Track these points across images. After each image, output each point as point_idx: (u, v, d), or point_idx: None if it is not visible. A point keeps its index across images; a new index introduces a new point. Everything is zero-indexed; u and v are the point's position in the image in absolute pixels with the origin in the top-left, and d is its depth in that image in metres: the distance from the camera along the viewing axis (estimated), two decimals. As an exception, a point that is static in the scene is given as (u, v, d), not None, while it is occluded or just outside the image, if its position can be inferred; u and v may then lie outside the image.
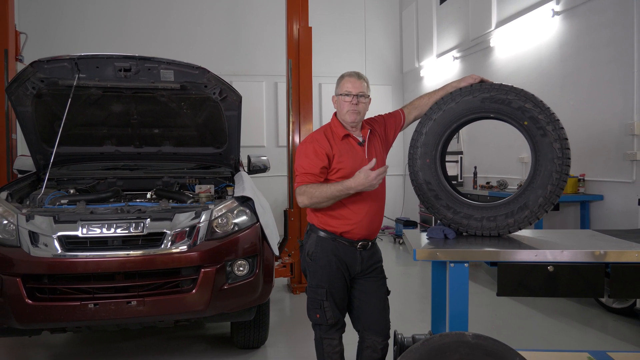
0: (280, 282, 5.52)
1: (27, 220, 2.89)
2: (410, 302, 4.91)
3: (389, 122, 2.62)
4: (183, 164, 4.23)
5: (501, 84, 2.40)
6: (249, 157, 4.69)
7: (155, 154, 4.18)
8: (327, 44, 8.45)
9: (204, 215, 3.05)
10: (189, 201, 3.40)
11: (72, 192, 3.64)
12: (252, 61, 8.70)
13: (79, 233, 2.87)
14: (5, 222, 2.91)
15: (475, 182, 6.49)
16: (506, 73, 6.26)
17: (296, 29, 5.37)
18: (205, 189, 3.76)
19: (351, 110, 2.39)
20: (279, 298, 5.06)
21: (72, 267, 2.84)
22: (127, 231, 2.91)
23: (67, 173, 3.95)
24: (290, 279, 5.40)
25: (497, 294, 2.16)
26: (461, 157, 7.13)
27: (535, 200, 2.30)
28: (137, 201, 3.49)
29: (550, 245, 2.22)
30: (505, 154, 6.31)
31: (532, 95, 2.33)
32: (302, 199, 2.31)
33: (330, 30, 8.76)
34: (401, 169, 8.83)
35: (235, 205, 3.22)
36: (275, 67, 8.14)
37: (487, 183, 6.27)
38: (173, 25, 8.51)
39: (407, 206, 9.12)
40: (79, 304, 2.81)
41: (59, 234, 2.85)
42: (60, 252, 2.82)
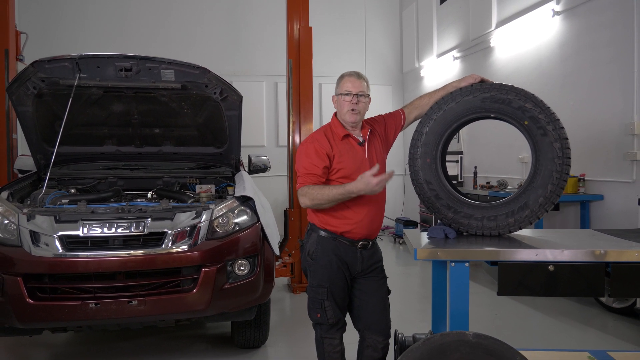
0: (281, 281, 5.52)
1: (28, 220, 2.89)
2: (410, 301, 4.91)
3: (389, 122, 2.62)
4: (184, 163, 4.23)
5: (501, 83, 2.41)
6: (249, 157, 4.70)
7: (156, 154, 4.18)
8: (327, 44, 8.44)
9: (204, 215, 3.06)
10: (190, 201, 3.40)
11: (72, 191, 3.65)
12: (252, 61, 8.70)
13: (79, 233, 2.87)
14: (6, 221, 2.92)
15: (475, 182, 6.49)
16: (506, 73, 6.26)
17: (296, 29, 5.37)
18: (205, 189, 3.76)
19: (351, 110, 2.39)
20: (280, 298, 5.06)
21: (73, 267, 2.84)
22: (128, 231, 2.92)
23: (68, 173, 3.96)
24: (290, 279, 5.40)
25: (498, 293, 2.17)
26: (461, 157, 7.13)
27: (535, 199, 2.30)
28: (137, 201, 3.49)
29: (550, 245, 2.23)
30: (505, 154, 6.31)
31: (533, 95, 2.33)
32: (304, 200, 2.32)
33: (330, 30, 8.75)
34: (401, 168, 8.83)
35: (236, 204, 3.22)
36: (276, 67, 8.14)
37: (487, 183, 6.27)
38: (173, 25, 8.51)
39: (407, 206, 9.12)
40: (80, 303, 2.82)
41: (60, 233, 2.85)
42: (61, 251, 2.82)
